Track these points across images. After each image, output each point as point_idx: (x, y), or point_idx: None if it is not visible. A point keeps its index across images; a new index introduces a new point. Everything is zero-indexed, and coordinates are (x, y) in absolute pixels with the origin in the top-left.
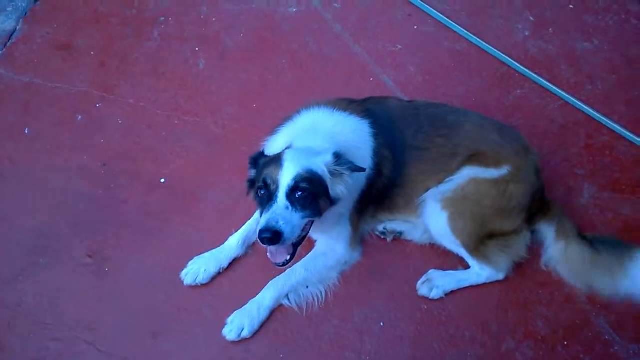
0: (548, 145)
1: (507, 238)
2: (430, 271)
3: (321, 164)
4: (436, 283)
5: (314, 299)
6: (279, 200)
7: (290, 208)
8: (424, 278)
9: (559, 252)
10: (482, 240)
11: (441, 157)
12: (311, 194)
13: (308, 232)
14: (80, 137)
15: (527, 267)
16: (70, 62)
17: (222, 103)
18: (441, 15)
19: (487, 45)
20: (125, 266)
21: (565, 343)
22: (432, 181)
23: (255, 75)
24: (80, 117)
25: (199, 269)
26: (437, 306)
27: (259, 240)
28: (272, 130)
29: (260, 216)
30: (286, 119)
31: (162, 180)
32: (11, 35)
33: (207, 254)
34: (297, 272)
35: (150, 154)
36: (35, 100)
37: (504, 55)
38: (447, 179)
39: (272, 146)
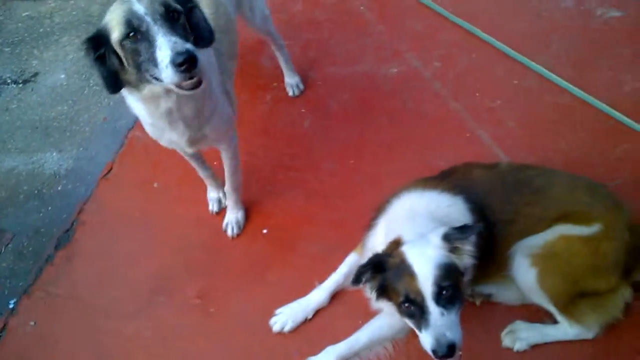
0: None
1: (600, 297)
2: (516, 322)
3: (442, 251)
4: (520, 335)
5: (378, 358)
6: (431, 311)
7: (444, 313)
8: (508, 328)
9: None
10: (572, 299)
11: (529, 225)
12: (452, 286)
13: None
14: (198, 191)
15: (625, 328)
16: None
17: (322, 159)
18: (543, 69)
19: (592, 98)
20: (228, 308)
21: None
22: None
23: (355, 134)
24: None
25: (287, 319)
26: None
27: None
28: (368, 225)
29: (420, 331)
30: (379, 211)
31: (265, 231)
32: None
33: (294, 304)
34: (360, 341)
35: (256, 206)
36: (165, 159)
37: (610, 109)
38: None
39: (373, 241)
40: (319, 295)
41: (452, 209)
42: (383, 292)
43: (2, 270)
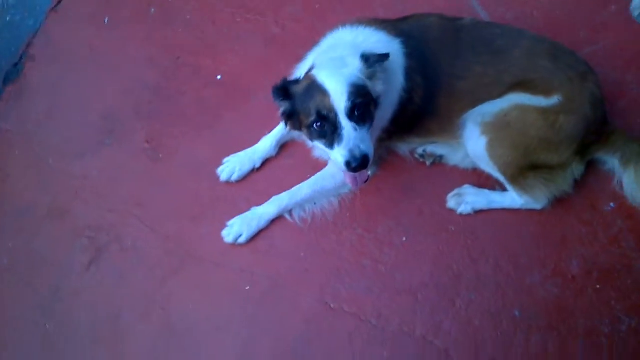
0: (634, 72)
1: (551, 171)
2: (465, 186)
3: (357, 73)
4: (466, 199)
5: (323, 212)
6: (344, 126)
7: (357, 128)
8: (455, 191)
9: (631, 179)
10: (522, 171)
11: (480, 87)
12: (364, 104)
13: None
14: (152, 29)
15: (573, 202)
16: None
17: (285, 1)
18: None
19: None
20: (177, 154)
21: (598, 287)
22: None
23: None
24: (153, 9)
25: (234, 167)
26: (465, 229)
27: (346, 170)
28: (301, 56)
29: (332, 149)
30: (314, 44)
31: (219, 77)
32: None
33: (241, 153)
34: (302, 191)
35: (211, 50)
36: None
37: None
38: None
39: (300, 72)
40: (266, 143)
41: (381, 45)
42: (291, 118)
43: None
